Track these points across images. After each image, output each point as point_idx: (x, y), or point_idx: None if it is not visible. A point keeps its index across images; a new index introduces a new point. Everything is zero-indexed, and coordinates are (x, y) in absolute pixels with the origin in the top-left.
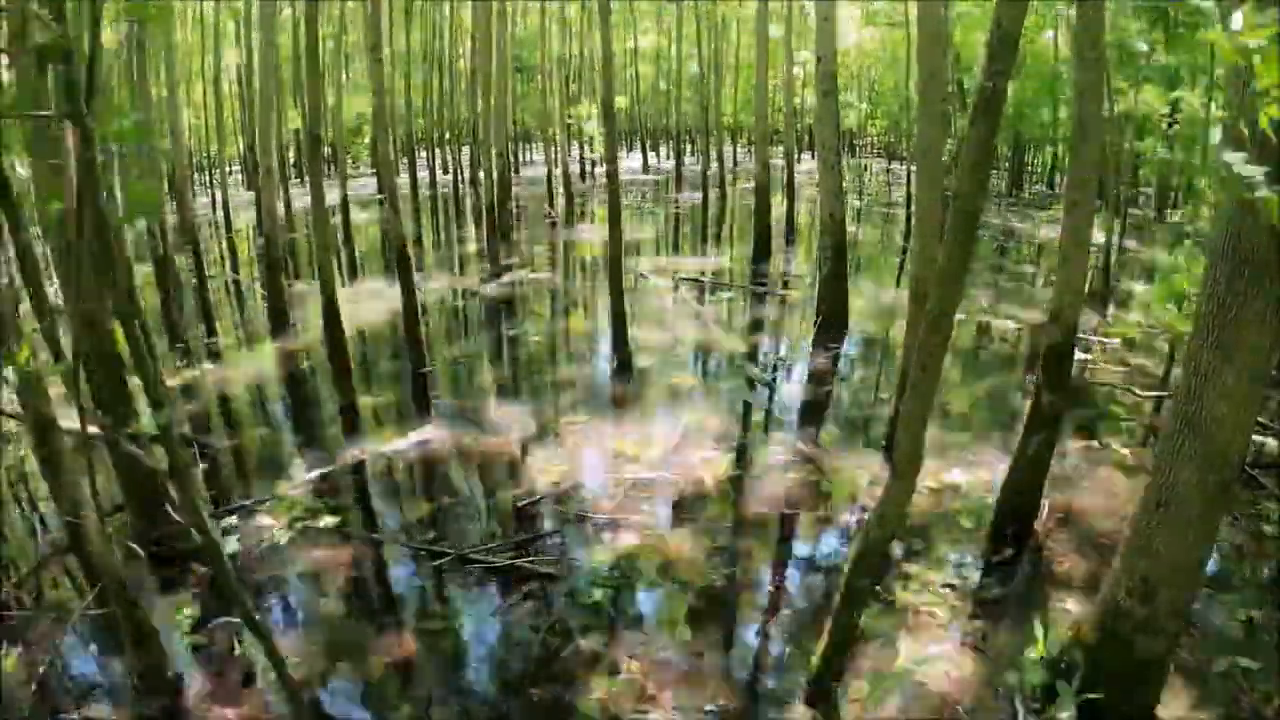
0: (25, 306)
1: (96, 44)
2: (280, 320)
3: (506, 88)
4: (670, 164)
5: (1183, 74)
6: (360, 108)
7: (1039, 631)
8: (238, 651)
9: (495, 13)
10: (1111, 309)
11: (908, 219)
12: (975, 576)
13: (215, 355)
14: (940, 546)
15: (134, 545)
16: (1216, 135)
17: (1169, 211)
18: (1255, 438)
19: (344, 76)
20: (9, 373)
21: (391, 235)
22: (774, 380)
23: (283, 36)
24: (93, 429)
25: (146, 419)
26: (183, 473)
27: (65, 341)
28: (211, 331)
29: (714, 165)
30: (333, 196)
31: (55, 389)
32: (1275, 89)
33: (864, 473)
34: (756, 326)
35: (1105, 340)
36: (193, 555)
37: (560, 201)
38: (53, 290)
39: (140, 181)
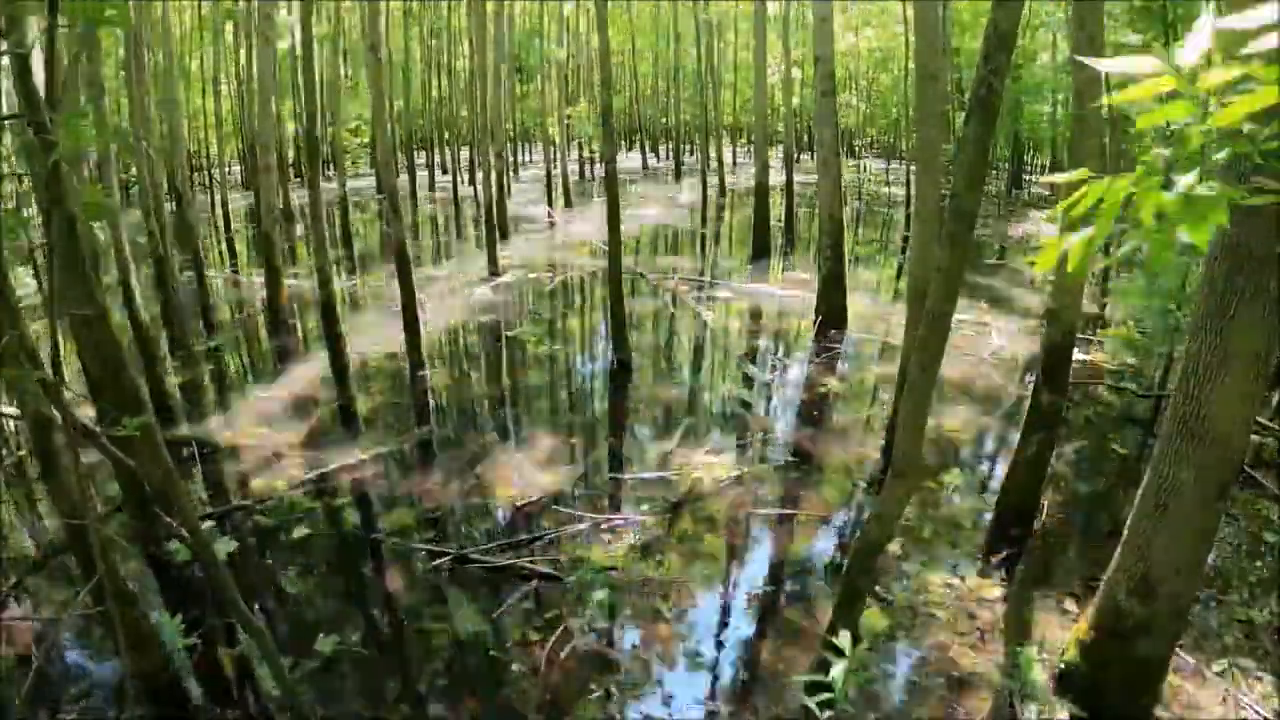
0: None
1: (55, 50)
2: (279, 319)
3: (505, 88)
4: (670, 163)
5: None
6: (359, 108)
7: (1038, 632)
8: (234, 653)
9: (492, 13)
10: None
11: (907, 219)
12: (975, 576)
13: (215, 354)
14: (940, 546)
15: (132, 545)
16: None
17: None
18: (1255, 438)
19: (343, 76)
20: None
21: (392, 235)
22: (773, 380)
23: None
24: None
25: (135, 420)
26: (167, 475)
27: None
28: (210, 331)
29: (713, 165)
30: (332, 196)
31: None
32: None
33: (863, 472)
34: (755, 326)
35: (1104, 340)
36: (191, 556)
37: (559, 201)
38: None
39: (92, 188)
